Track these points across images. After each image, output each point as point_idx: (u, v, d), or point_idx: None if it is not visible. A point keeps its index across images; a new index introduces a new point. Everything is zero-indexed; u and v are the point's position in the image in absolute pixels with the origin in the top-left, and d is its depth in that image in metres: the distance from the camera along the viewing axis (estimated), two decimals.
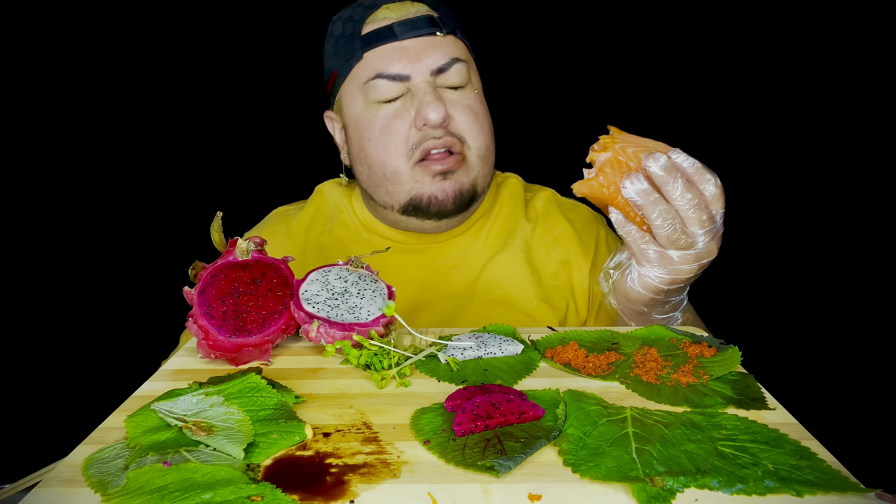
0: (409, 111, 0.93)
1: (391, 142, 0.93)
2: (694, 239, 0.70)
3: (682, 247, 0.70)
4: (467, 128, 0.94)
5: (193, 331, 0.68)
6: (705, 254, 0.72)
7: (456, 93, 0.95)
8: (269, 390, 0.56)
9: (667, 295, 0.76)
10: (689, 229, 0.70)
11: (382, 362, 0.63)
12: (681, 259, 0.71)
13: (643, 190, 0.68)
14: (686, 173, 0.69)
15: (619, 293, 0.79)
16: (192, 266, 0.73)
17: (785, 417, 0.54)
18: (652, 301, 0.76)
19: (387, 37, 0.92)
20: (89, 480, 0.45)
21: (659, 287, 0.74)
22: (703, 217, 0.69)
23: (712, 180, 0.69)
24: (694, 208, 0.68)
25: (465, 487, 0.44)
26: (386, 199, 0.98)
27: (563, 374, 0.64)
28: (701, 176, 0.69)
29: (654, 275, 0.73)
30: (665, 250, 0.71)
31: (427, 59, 0.92)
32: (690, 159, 0.69)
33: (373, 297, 0.72)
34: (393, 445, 0.50)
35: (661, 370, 0.62)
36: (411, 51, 0.92)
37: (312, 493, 0.44)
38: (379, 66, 0.92)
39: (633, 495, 0.43)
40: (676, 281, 0.73)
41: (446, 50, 0.93)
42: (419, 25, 0.92)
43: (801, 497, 0.43)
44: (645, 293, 0.75)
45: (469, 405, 0.53)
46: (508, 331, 0.73)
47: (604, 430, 0.51)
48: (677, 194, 0.68)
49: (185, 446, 0.48)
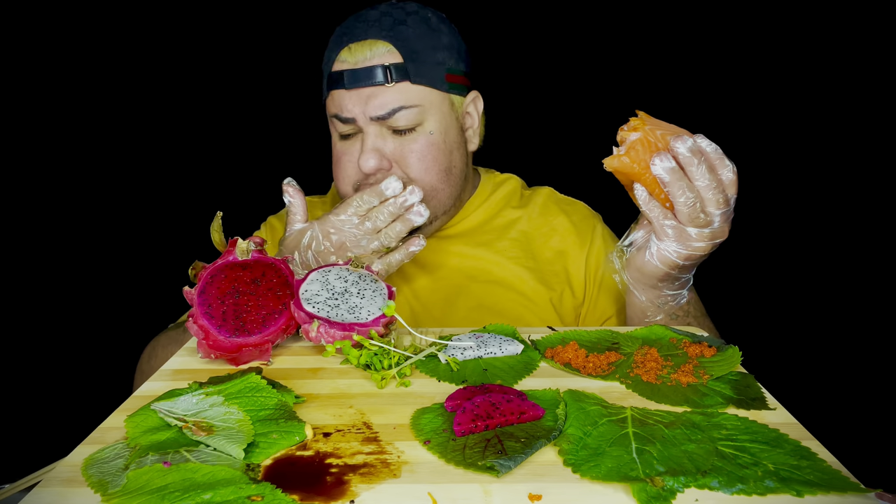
0: (356, 152, 0.98)
1: (343, 174, 1.00)
2: (711, 218, 0.76)
3: (700, 225, 0.76)
4: (410, 171, 0.97)
5: (193, 331, 0.68)
6: (719, 233, 0.78)
7: (403, 137, 0.97)
8: (269, 390, 0.56)
9: (680, 270, 0.82)
10: (707, 209, 0.76)
11: (382, 362, 0.63)
12: (697, 236, 0.77)
13: (671, 168, 0.74)
14: (708, 157, 0.75)
15: (632, 268, 0.85)
16: (192, 266, 0.72)
17: (785, 417, 0.54)
18: (666, 275, 0.82)
19: (339, 83, 0.96)
20: (89, 480, 0.45)
21: (675, 261, 0.79)
22: (719, 199, 0.75)
23: (730, 166, 0.75)
24: (713, 190, 0.74)
25: (465, 487, 0.44)
26: None
27: (563, 374, 0.64)
28: (721, 161, 0.75)
29: (672, 249, 0.79)
30: (684, 227, 0.77)
31: (369, 107, 0.95)
32: (713, 145, 0.75)
33: (373, 296, 0.72)
34: (393, 445, 0.50)
35: (662, 370, 0.62)
36: (357, 99, 0.95)
37: (312, 493, 0.44)
38: (334, 107, 0.98)
39: (633, 495, 0.43)
40: (692, 257, 0.79)
41: (390, 99, 0.94)
42: (365, 76, 0.94)
43: (802, 497, 0.43)
44: (661, 267, 0.81)
45: (469, 405, 0.53)
46: (508, 331, 0.73)
47: (604, 430, 0.51)
48: (700, 175, 0.74)
49: (185, 446, 0.48)
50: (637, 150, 0.77)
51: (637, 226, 0.85)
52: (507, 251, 1.06)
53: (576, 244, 1.08)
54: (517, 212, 1.11)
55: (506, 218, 1.10)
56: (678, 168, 0.74)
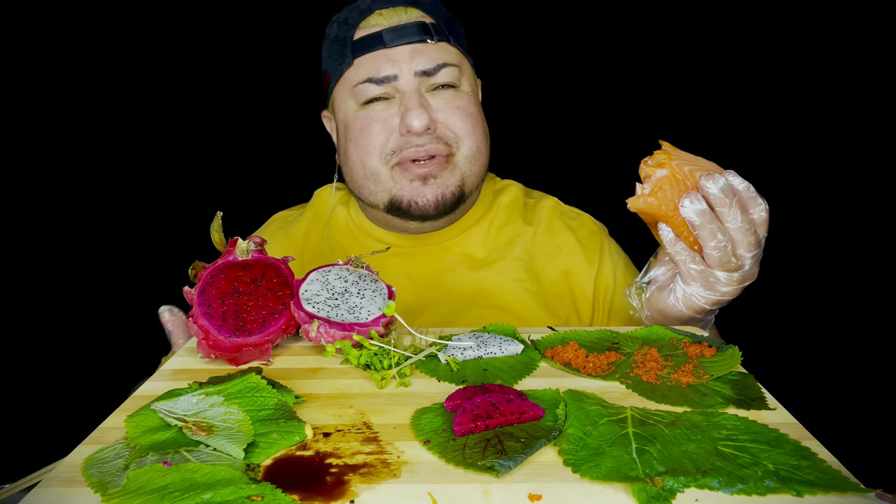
0: (392, 116, 0.93)
1: (369, 143, 0.94)
2: (742, 262, 0.71)
3: (730, 269, 0.71)
4: (458, 128, 0.94)
5: (193, 331, 0.68)
6: (749, 276, 0.73)
7: (445, 92, 0.95)
8: (269, 390, 0.56)
9: (706, 314, 0.77)
10: (738, 251, 0.71)
11: (382, 362, 0.63)
12: (727, 281, 0.72)
13: (702, 210, 0.69)
14: (741, 196, 0.69)
15: (653, 309, 0.79)
16: (192, 266, 0.72)
17: (785, 417, 0.54)
18: (691, 319, 0.77)
19: (375, 44, 0.92)
20: (89, 480, 0.45)
21: (703, 307, 0.75)
22: (751, 240, 0.70)
23: (763, 205, 0.70)
24: (745, 232, 0.69)
25: (465, 487, 0.44)
26: (370, 198, 0.99)
27: (563, 374, 0.64)
28: (753, 200, 0.70)
29: (700, 294, 0.74)
30: (713, 270, 0.72)
31: (414, 62, 0.92)
32: (745, 182, 0.70)
33: (373, 297, 0.72)
34: (393, 445, 0.50)
35: (662, 370, 0.62)
36: (398, 57, 0.92)
37: (312, 493, 0.43)
38: (367, 71, 0.93)
39: (633, 495, 0.43)
40: (721, 302, 0.74)
41: (434, 56, 0.93)
42: (409, 33, 0.92)
43: (802, 497, 0.43)
44: (686, 312, 0.76)
45: (469, 405, 0.53)
46: (508, 331, 0.73)
47: (604, 430, 0.51)
48: (731, 217, 0.69)
49: (185, 446, 0.48)
50: (665, 190, 0.71)
51: (657, 262, 0.79)
52: (510, 273, 1.01)
53: (582, 264, 1.04)
54: (522, 227, 1.06)
55: (508, 234, 1.06)
56: (709, 210, 0.69)
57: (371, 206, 1.01)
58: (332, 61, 0.99)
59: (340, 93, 0.99)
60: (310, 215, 1.13)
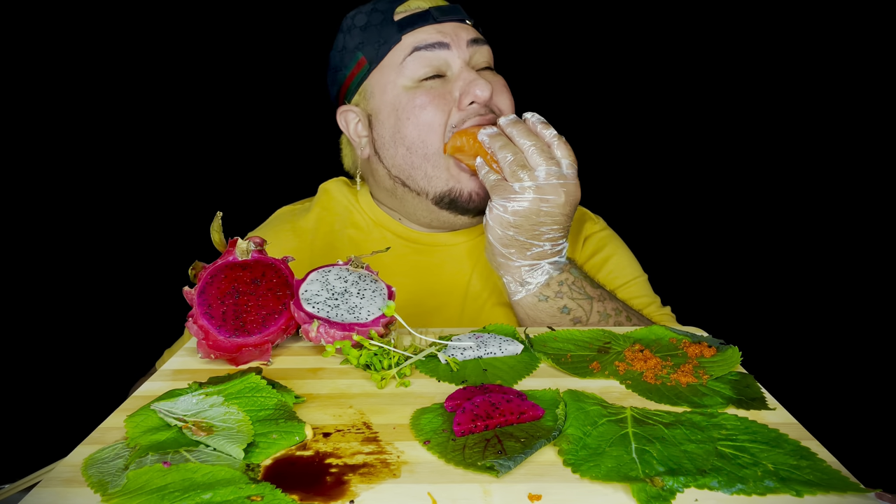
0: (449, 92, 0.94)
1: (434, 119, 0.94)
2: (536, 172, 0.83)
3: (520, 179, 0.83)
4: (504, 106, 0.98)
5: (193, 331, 0.68)
6: (549, 190, 0.82)
7: (488, 73, 0.99)
8: (269, 390, 0.56)
9: (517, 232, 0.84)
10: (530, 162, 0.83)
11: (382, 362, 0.63)
12: (520, 189, 0.83)
13: (492, 132, 0.87)
14: (528, 122, 0.86)
15: (486, 246, 0.88)
16: (192, 266, 0.72)
17: (785, 417, 0.54)
18: (510, 240, 0.84)
19: (425, 19, 0.95)
20: (89, 480, 0.45)
21: (505, 218, 0.83)
22: (545, 155, 0.83)
23: (553, 130, 0.85)
24: (534, 147, 0.83)
25: (465, 487, 0.44)
26: (423, 183, 0.97)
27: (563, 374, 0.64)
28: (544, 125, 0.86)
29: (499, 204, 0.84)
30: (508, 182, 0.84)
31: (463, 34, 0.96)
32: (536, 115, 0.87)
33: (373, 297, 0.72)
34: (393, 445, 0.50)
35: (661, 370, 0.62)
36: (449, 30, 0.96)
37: (312, 493, 0.44)
38: (420, 40, 0.95)
39: (633, 495, 0.43)
40: (518, 212, 0.83)
41: (476, 34, 0.99)
42: (456, 11, 0.98)
43: (801, 497, 0.43)
44: (495, 227, 0.85)
45: (469, 405, 0.53)
46: (508, 331, 0.73)
47: (604, 430, 0.51)
48: (518, 134, 0.85)
49: (185, 446, 0.48)
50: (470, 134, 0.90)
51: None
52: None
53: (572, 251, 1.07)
54: None
55: None
56: (500, 133, 0.86)
57: (420, 193, 0.98)
58: (369, 46, 0.97)
59: (384, 75, 0.97)
60: (318, 210, 1.11)
